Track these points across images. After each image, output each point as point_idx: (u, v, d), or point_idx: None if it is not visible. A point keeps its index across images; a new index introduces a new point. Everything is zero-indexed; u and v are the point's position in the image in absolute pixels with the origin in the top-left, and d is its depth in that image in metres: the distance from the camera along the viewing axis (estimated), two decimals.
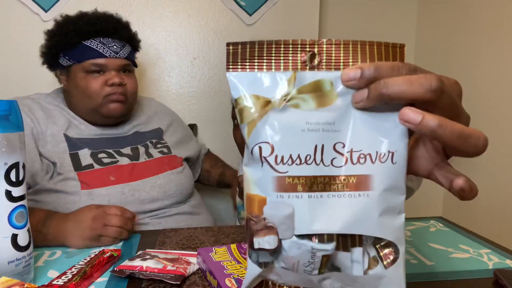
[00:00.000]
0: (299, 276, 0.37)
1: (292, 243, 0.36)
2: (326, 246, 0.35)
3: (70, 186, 0.91)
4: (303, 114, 0.35)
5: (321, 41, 0.36)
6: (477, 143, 0.32)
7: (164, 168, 1.04)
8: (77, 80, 0.99)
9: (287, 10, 1.49)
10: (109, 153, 1.00)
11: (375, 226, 0.35)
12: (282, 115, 0.35)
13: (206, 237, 0.84)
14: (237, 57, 0.37)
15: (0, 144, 0.57)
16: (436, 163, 0.37)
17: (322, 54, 0.35)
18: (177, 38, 1.47)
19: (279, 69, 0.36)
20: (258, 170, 0.36)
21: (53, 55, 1.02)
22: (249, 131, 0.36)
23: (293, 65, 0.36)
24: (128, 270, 0.63)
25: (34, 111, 0.99)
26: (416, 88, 0.31)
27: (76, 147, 0.97)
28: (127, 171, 0.98)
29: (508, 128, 1.24)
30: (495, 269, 0.65)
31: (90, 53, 0.98)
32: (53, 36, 1.01)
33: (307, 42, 0.36)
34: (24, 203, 0.61)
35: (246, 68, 0.37)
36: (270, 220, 0.36)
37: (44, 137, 0.96)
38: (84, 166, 0.95)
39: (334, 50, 0.35)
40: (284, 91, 0.35)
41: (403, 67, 0.34)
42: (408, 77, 0.32)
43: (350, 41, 0.35)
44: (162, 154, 1.08)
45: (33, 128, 0.96)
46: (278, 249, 0.36)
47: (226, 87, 1.51)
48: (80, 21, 0.99)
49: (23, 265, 0.60)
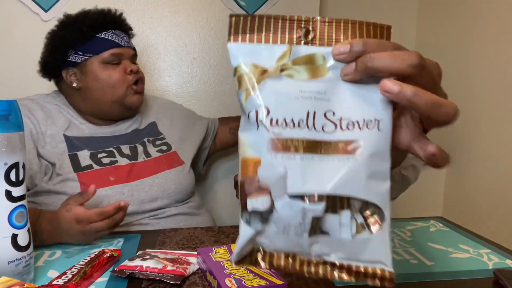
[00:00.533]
0: (290, 240, 0.39)
1: (285, 203, 0.38)
2: (316, 206, 0.37)
3: (69, 187, 0.91)
4: (297, 83, 0.38)
5: (316, 19, 0.38)
6: (448, 111, 0.36)
7: (163, 168, 1.04)
8: (97, 72, 1.00)
9: (287, 10, 1.49)
10: (109, 151, 1.01)
11: (362, 189, 0.37)
12: (277, 82, 0.38)
13: (206, 237, 0.84)
14: (238, 29, 0.39)
15: (0, 144, 0.57)
16: (415, 136, 0.41)
17: (316, 31, 0.38)
18: (177, 38, 1.47)
19: (276, 43, 0.39)
20: (253, 133, 0.38)
21: (61, 55, 1.01)
22: (246, 97, 0.39)
23: (289, 40, 0.38)
24: (128, 270, 0.63)
25: (33, 111, 0.99)
26: (399, 62, 0.35)
27: (75, 148, 0.97)
28: (126, 171, 0.98)
29: (508, 127, 1.24)
30: (495, 269, 0.65)
31: (107, 43, 1.00)
32: (62, 35, 1.00)
33: (303, 18, 0.38)
34: (24, 203, 0.61)
35: (246, 40, 0.39)
36: (264, 181, 0.38)
37: (44, 137, 0.96)
38: (83, 167, 0.95)
39: (327, 27, 0.38)
40: (280, 62, 0.38)
41: (388, 44, 0.37)
42: (392, 53, 0.36)
43: (341, 19, 0.38)
44: (161, 153, 1.07)
45: (32, 129, 0.96)
46: (270, 209, 0.38)
47: (226, 87, 1.51)
48: (89, 16, 1.01)
49: (23, 265, 0.60)
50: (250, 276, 0.59)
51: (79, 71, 1.02)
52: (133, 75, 1.03)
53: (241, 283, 0.56)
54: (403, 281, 0.65)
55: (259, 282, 0.57)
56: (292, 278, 0.65)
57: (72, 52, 1.00)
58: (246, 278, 0.58)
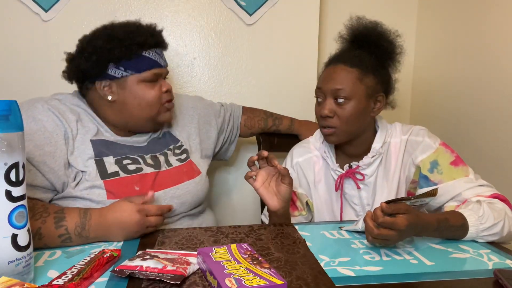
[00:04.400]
0: None
1: None
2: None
3: (96, 194, 0.91)
4: None
5: None
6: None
7: (183, 178, 1.05)
8: (136, 90, 0.99)
9: (287, 10, 1.49)
10: (133, 158, 1.00)
11: None
12: None
13: (205, 237, 0.84)
14: None
15: (0, 144, 0.57)
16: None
17: None
18: (177, 38, 1.47)
19: None
20: None
21: (102, 67, 0.97)
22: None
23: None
24: (128, 270, 0.64)
25: (63, 112, 0.96)
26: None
27: (101, 154, 0.97)
28: (150, 180, 0.98)
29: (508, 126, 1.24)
30: (495, 269, 0.65)
31: (151, 63, 1.00)
32: (108, 49, 0.96)
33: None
34: (24, 203, 0.61)
35: None
36: None
37: (73, 142, 0.95)
38: (110, 173, 0.95)
39: None
40: None
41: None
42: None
43: None
44: (180, 162, 1.08)
45: (66, 131, 0.94)
46: None
47: (226, 87, 1.51)
48: (138, 33, 0.99)
49: (23, 265, 0.60)
50: (250, 276, 0.59)
51: (116, 85, 0.99)
52: (167, 93, 1.05)
53: (241, 283, 0.56)
54: (403, 281, 0.65)
55: (259, 282, 0.57)
56: (292, 278, 0.65)
57: (113, 66, 0.97)
58: (246, 278, 0.58)
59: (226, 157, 1.39)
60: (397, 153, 1.02)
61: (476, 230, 0.80)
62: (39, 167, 0.87)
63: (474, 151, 1.37)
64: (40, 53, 1.38)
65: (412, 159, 0.99)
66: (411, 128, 1.03)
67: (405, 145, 1.01)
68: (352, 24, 1.05)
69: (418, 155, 0.98)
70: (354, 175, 1.03)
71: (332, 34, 1.77)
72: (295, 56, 1.51)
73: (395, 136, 1.04)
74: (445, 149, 0.97)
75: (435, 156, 0.96)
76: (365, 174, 1.02)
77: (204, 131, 1.21)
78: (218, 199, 1.59)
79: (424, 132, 1.01)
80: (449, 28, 1.53)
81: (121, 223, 0.81)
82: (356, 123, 0.98)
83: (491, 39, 1.31)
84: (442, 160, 0.96)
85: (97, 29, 1.01)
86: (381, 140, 1.02)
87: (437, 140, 0.99)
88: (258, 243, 0.80)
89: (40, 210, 0.80)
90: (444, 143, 0.99)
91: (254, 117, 1.37)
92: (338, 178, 1.04)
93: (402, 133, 1.03)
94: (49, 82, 1.37)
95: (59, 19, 1.37)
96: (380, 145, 1.02)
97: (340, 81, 0.96)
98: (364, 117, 0.99)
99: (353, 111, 0.96)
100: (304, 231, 0.87)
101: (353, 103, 0.95)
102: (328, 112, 0.96)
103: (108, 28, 1.00)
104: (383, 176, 1.03)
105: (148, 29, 1.02)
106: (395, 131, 1.04)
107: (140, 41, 0.98)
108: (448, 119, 1.52)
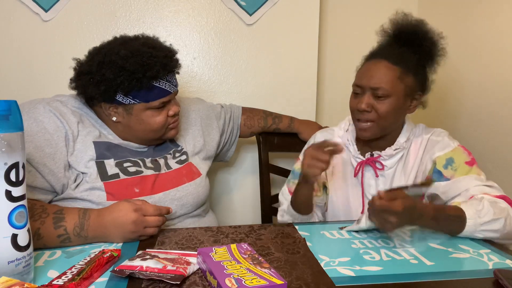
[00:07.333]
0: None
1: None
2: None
3: (96, 196, 0.91)
4: None
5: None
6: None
7: (183, 180, 1.05)
8: (142, 117, 0.98)
9: (287, 10, 1.49)
10: (134, 161, 1.00)
11: None
12: None
13: (205, 237, 0.84)
14: None
15: (0, 144, 0.57)
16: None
17: None
18: (177, 38, 1.47)
19: None
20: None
21: (110, 94, 0.95)
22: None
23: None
24: (128, 270, 0.64)
25: (64, 114, 0.95)
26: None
27: (103, 156, 0.97)
28: (150, 183, 0.99)
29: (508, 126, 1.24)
30: (495, 269, 0.65)
31: (160, 93, 0.98)
32: (119, 82, 0.93)
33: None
34: (24, 203, 0.61)
35: None
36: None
37: (74, 143, 0.95)
38: (110, 175, 0.95)
39: None
40: None
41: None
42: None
43: None
44: (180, 164, 1.08)
45: (67, 133, 0.93)
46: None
47: (226, 87, 1.51)
48: (150, 66, 0.94)
49: (23, 265, 0.60)
50: (250, 276, 0.59)
51: (122, 109, 0.98)
52: (174, 116, 1.04)
53: (241, 283, 0.56)
54: (403, 281, 0.65)
55: (259, 282, 0.57)
56: (292, 278, 0.65)
57: (121, 93, 0.95)
58: (246, 278, 0.58)
59: (226, 159, 1.39)
60: (417, 151, 1.04)
61: (474, 223, 0.81)
62: (39, 168, 0.87)
63: (474, 151, 1.37)
64: (40, 53, 1.38)
65: (430, 155, 1.01)
66: (434, 130, 1.06)
67: (425, 144, 1.03)
68: (398, 20, 1.04)
69: (436, 151, 1.00)
70: (374, 163, 1.04)
71: (332, 34, 1.76)
72: (295, 56, 1.51)
73: (418, 135, 1.06)
74: (463, 150, 1.00)
75: (452, 154, 0.98)
76: (385, 165, 1.04)
77: (207, 133, 1.22)
78: (218, 199, 1.59)
79: (445, 133, 1.04)
80: (449, 28, 1.53)
81: (117, 222, 0.81)
82: (392, 119, 0.99)
83: (491, 39, 1.31)
84: (458, 158, 0.97)
85: (109, 47, 0.97)
86: (405, 136, 1.04)
87: (456, 142, 1.02)
88: (258, 243, 0.80)
89: (39, 211, 0.80)
90: (463, 146, 1.01)
91: (254, 116, 1.37)
92: (358, 164, 1.06)
93: (424, 132, 1.05)
94: (49, 82, 1.37)
95: (59, 19, 1.37)
96: (404, 139, 1.04)
97: (381, 78, 0.96)
98: (400, 114, 1.01)
99: (390, 108, 0.96)
100: (304, 231, 0.88)
101: (391, 100, 0.96)
102: (365, 106, 0.97)
103: (121, 58, 0.93)
104: (401, 170, 1.04)
105: (163, 60, 0.97)
106: (419, 130, 1.06)
107: (152, 75, 0.94)
108: (448, 119, 1.52)
